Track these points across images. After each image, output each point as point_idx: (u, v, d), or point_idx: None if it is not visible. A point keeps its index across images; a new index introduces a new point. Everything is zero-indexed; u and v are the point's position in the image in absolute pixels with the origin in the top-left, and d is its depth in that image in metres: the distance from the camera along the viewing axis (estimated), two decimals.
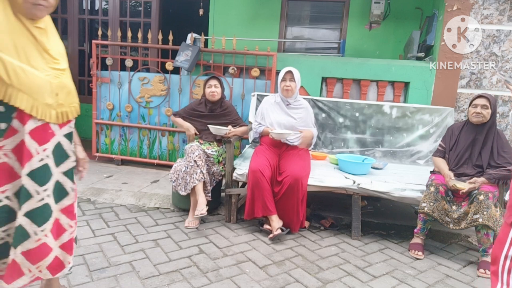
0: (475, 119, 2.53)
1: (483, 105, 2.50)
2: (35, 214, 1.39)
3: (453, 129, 2.73)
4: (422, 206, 2.51)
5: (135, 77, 4.13)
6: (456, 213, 2.43)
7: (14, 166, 1.35)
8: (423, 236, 2.61)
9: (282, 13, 5.08)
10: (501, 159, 2.48)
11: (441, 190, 2.48)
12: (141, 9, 5.45)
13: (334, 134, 3.67)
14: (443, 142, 2.75)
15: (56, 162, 1.48)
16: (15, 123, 1.33)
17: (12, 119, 1.33)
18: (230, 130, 3.02)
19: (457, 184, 2.43)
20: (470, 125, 2.61)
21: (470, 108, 2.57)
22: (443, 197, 2.47)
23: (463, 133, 2.64)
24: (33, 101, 1.34)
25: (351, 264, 2.38)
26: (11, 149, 1.34)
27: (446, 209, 2.46)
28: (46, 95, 1.38)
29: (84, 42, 5.56)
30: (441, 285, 2.19)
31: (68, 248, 1.57)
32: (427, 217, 2.53)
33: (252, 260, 2.33)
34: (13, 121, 1.33)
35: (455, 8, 3.69)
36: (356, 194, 2.77)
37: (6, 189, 1.35)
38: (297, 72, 2.95)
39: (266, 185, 2.69)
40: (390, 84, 3.98)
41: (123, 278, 2.01)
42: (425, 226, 2.59)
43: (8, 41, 1.28)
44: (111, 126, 4.27)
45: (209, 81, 3.12)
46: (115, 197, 3.26)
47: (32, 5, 1.30)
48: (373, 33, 4.93)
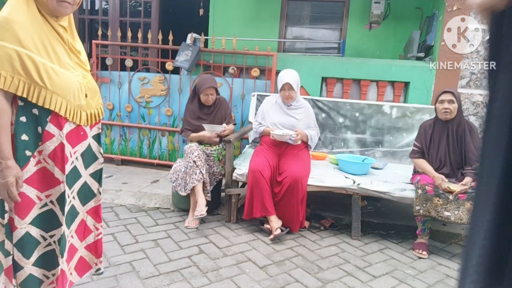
0: (443, 115, 2.54)
1: (450, 100, 2.51)
2: (66, 217, 1.39)
3: (425, 127, 2.70)
4: (417, 210, 2.51)
5: (135, 77, 4.13)
6: (454, 203, 2.40)
7: (53, 171, 1.33)
8: (426, 236, 2.62)
9: (282, 13, 5.08)
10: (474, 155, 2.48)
11: (428, 189, 2.48)
12: (141, 9, 5.45)
13: (334, 134, 3.67)
14: (418, 141, 2.71)
15: (85, 164, 1.47)
16: (50, 127, 1.31)
17: (47, 122, 1.30)
18: (225, 128, 3.00)
19: (450, 186, 2.43)
20: (439, 122, 2.61)
21: (438, 105, 2.57)
22: (433, 195, 2.47)
23: (435, 132, 2.63)
24: (66, 103, 1.32)
25: (351, 264, 2.38)
26: (48, 154, 1.32)
27: (442, 204, 2.43)
28: (78, 96, 1.36)
29: (84, 42, 5.56)
30: (441, 285, 2.19)
31: (93, 250, 1.58)
32: (424, 217, 2.54)
33: (252, 260, 2.33)
34: (48, 125, 1.31)
35: (455, 8, 3.69)
36: (356, 194, 2.77)
37: (50, 194, 1.34)
38: (296, 78, 2.92)
39: (265, 185, 2.69)
40: (390, 84, 3.98)
41: (123, 278, 2.01)
42: (426, 226, 2.59)
43: (37, 41, 1.25)
44: (111, 126, 4.26)
45: (206, 90, 2.98)
46: (115, 197, 3.26)
47: (57, 2, 1.28)
48: (373, 33, 4.92)
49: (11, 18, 1.21)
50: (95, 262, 1.60)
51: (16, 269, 1.33)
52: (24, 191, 1.29)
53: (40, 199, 1.33)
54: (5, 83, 1.20)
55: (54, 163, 1.33)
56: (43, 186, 1.33)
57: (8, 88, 1.21)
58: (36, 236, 1.34)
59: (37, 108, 1.28)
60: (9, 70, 1.21)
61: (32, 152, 1.29)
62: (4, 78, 1.20)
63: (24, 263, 1.32)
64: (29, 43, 1.23)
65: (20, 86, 1.22)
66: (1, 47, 1.19)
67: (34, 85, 1.24)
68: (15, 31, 1.21)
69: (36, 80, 1.24)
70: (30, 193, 1.31)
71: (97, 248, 1.59)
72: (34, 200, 1.32)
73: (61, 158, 1.33)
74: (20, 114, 1.27)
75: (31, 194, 1.31)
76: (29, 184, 1.30)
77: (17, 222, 1.29)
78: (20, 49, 1.21)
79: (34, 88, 1.24)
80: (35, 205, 1.32)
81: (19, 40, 1.21)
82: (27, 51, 1.22)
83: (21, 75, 1.22)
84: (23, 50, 1.22)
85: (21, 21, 1.23)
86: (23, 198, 1.29)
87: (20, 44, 1.21)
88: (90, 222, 1.55)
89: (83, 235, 1.53)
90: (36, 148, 1.30)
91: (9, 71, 1.21)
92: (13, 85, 1.21)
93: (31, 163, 1.29)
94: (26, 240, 1.31)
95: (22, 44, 1.22)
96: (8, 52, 1.20)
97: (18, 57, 1.21)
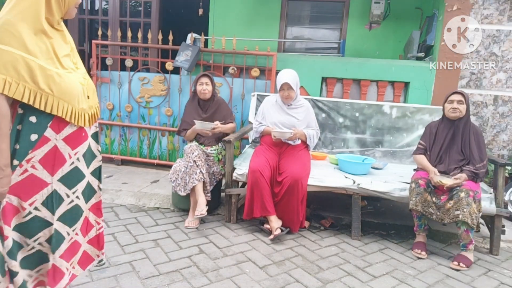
0: (452, 114, 2.57)
1: (459, 101, 2.55)
2: (66, 216, 1.40)
3: (431, 126, 2.76)
4: (410, 204, 2.56)
5: (135, 77, 4.13)
6: (437, 205, 2.47)
7: (42, 175, 1.32)
8: (423, 232, 2.64)
9: (282, 13, 5.08)
10: (477, 155, 2.52)
11: (421, 183, 2.53)
12: (141, 9, 5.45)
13: (334, 134, 3.67)
14: (423, 140, 2.77)
15: (87, 164, 1.47)
16: (49, 132, 1.30)
17: (46, 128, 1.29)
18: (216, 125, 2.98)
19: (442, 180, 2.45)
20: (446, 121, 2.65)
21: (446, 105, 2.62)
22: (425, 189, 2.52)
23: (440, 130, 2.67)
24: (72, 107, 1.32)
25: (351, 264, 2.38)
26: (38, 160, 1.30)
27: (429, 201, 2.50)
28: (81, 100, 1.36)
29: (84, 42, 5.55)
30: (441, 285, 2.19)
31: (95, 243, 1.59)
32: (418, 213, 2.56)
33: (252, 260, 2.33)
34: (47, 130, 1.30)
35: (455, 8, 3.69)
36: (356, 194, 2.77)
37: (34, 200, 1.32)
38: (295, 77, 2.92)
39: (265, 185, 2.69)
40: (390, 84, 3.98)
41: (123, 278, 2.01)
42: (422, 222, 2.62)
43: (41, 45, 1.24)
44: (111, 126, 4.26)
45: (200, 78, 3.07)
46: (115, 197, 3.26)
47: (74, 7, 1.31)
48: (373, 33, 4.93)
49: (16, 22, 1.20)
50: (97, 254, 1.61)
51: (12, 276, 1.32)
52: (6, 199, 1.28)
53: (24, 209, 1.31)
54: (10, 89, 1.18)
55: (43, 167, 1.31)
56: (26, 195, 1.31)
57: (13, 94, 1.19)
58: (19, 241, 1.33)
59: (36, 115, 1.26)
60: (14, 76, 1.19)
61: (20, 161, 1.27)
62: (9, 84, 1.18)
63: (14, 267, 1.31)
64: (34, 49, 1.22)
65: (26, 93, 1.21)
66: (7, 52, 1.17)
67: (40, 92, 1.23)
68: (21, 35, 1.19)
69: (43, 87, 1.23)
70: (13, 201, 1.29)
71: (99, 241, 1.61)
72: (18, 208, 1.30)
73: (52, 160, 1.32)
74: (17, 123, 1.26)
75: (14, 202, 1.29)
76: (11, 193, 1.28)
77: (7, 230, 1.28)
78: (26, 55, 1.20)
79: (40, 95, 1.23)
80: (18, 213, 1.31)
81: (25, 46, 1.20)
82: (33, 58, 1.21)
83: (27, 82, 1.21)
84: (29, 56, 1.20)
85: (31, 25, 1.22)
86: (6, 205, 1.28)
87: (26, 50, 1.20)
88: (92, 217, 1.56)
89: (85, 230, 1.54)
90: (24, 157, 1.27)
91: (15, 77, 1.19)
92: (18, 91, 1.20)
93: (16, 172, 1.27)
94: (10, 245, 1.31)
95: (28, 49, 1.20)
96: (15, 58, 1.18)
97: (25, 63, 1.19)
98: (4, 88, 1.18)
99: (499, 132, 3.90)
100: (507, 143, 3.89)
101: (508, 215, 2.79)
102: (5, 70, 1.18)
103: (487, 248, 2.74)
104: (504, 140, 3.90)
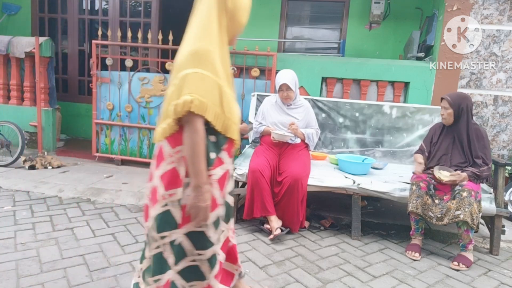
0: (443, 120, 2.64)
1: (443, 107, 2.59)
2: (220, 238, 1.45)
3: (435, 129, 2.78)
4: (409, 206, 2.54)
5: (135, 77, 4.13)
6: (439, 207, 2.46)
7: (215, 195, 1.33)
8: (420, 237, 2.62)
9: (282, 13, 5.08)
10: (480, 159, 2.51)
11: (422, 186, 2.52)
12: (141, 9, 5.45)
13: (334, 134, 3.67)
14: (424, 142, 2.80)
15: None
16: (223, 154, 1.33)
17: (222, 150, 1.32)
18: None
19: (441, 176, 2.44)
20: (446, 126, 2.68)
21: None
22: (426, 192, 2.51)
23: (441, 134, 2.70)
24: (236, 129, 1.34)
25: (351, 264, 2.38)
26: (217, 180, 1.32)
27: (429, 204, 2.49)
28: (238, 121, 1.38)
29: (84, 42, 5.56)
30: (441, 285, 2.19)
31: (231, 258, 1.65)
32: (417, 216, 2.55)
33: (252, 260, 2.33)
34: (222, 152, 1.32)
35: (455, 8, 3.69)
36: (356, 194, 2.77)
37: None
38: (293, 78, 2.91)
39: (265, 186, 2.69)
40: (390, 84, 3.99)
41: (123, 278, 2.01)
42: (419, 226, 2.60)
43: (222, 69, 1.26)
44: (111, 126, 4.26)
45: None
46: (115, 197, 3.26)
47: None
48: (373, 33, 4.93)
49: (212, 50, 1.23)
50: (235, 268, 1.65)
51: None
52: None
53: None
54: (213, 114, 1.21)
55: (219, 187, 1.34)
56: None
57: (212, 119, 1.22)
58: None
59: (215, 135, 1.29)
60: (214, 101, 1.22)
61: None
62: (212, 109, 1.21)
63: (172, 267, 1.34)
64: (221, 74, 1.24)
65: (216, 116, 1.24)
66: (209, 78, 1.20)
67: (222, 115, 1.26)
68: (213, 61, 1.22)
69: (225, 110, 1.26)
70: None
71: (233, 255, 1.63)
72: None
73: (222, 184, 1.36)
74: None
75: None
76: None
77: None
78: (218, 79, 1.23)
79: (222, 119, 1.26)
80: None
81: (216, 71, 1.23)
82: (221, 82, 1.24)
83: (216, 105, 1.23)
84: (219, 80, 1.24)
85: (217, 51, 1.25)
86: None
87: (217, 75, 1.23)
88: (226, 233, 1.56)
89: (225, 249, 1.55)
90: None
91: (215, 102, 1.22)
92: (215, 116, 1.23)
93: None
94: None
95: (218, 74, 1.23)
96: (216, 83, 1.22)
97: (218, 88, 1.23)
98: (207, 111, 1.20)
99: (499, 132, 3.90)
100: (507, 143, 3.89)
101: (508, 215, 2.78)
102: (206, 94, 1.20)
103: (487, 248, 2.75)
104: (504, 140, 3.90)
